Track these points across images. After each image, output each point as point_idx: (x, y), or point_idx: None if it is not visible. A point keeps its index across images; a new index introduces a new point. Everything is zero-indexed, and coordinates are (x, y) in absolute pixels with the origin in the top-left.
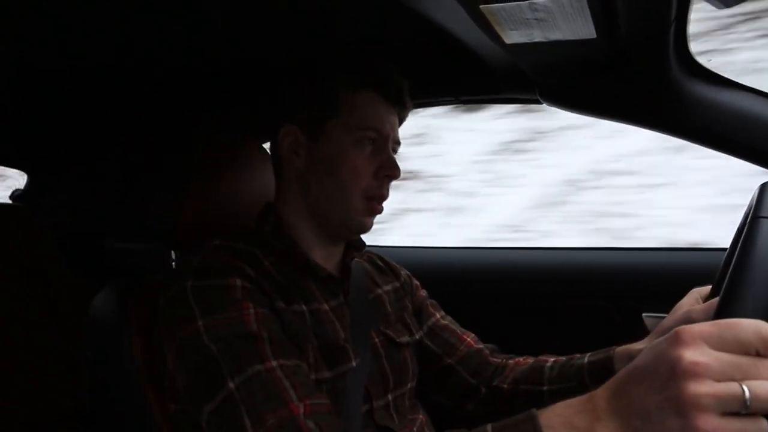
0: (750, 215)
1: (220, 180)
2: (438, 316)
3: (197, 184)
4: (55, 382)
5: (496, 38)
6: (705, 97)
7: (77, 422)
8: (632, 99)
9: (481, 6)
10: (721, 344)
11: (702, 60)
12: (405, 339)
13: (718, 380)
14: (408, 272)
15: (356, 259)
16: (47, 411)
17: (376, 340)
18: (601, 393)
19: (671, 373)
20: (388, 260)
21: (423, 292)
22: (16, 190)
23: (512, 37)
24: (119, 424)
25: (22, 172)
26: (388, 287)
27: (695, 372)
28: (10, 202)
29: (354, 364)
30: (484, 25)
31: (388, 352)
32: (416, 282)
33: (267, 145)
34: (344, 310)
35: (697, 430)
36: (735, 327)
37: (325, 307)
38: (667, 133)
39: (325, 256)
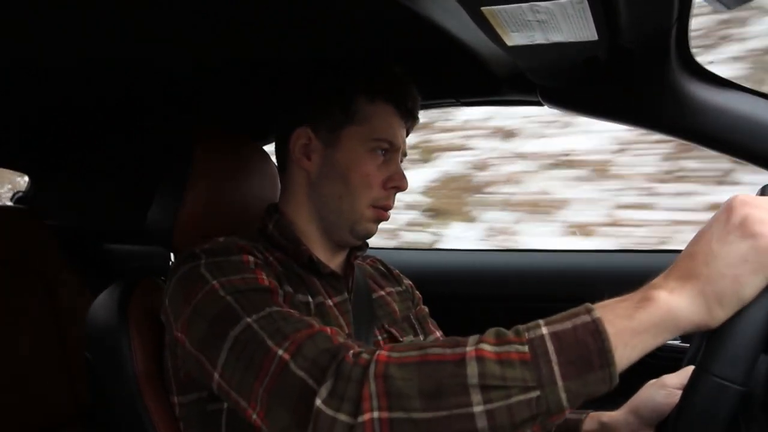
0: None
1: (218, 182)
2: (438, 335)
3: (196, 186)
4: (55, 384)
5: (498, 40)
6: (706, 98)
7: (77, 423)
8: (633, 100)
9: (482, 8)
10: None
11: (703, 61)
12: (409, 338)
13: None
14: (410, 283)
15: (359, 262)
16: (47, 412)
17: (380, 338)
18: (656, 278)
19: (729, 212)
20: (390, 267)
21: (425, 308)
22: (17, 192)
23: (514, 38)
24: (119, 425)
25: None
26: (391, 289)
27: (753, 202)
28: (11, 204)
29: None
30: (486, 26)
31: None
32: (418, 294)
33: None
34: (347, 307)
35: None
36: None
37: (329, 302)
38: (668, 135)
39: (329, 257)
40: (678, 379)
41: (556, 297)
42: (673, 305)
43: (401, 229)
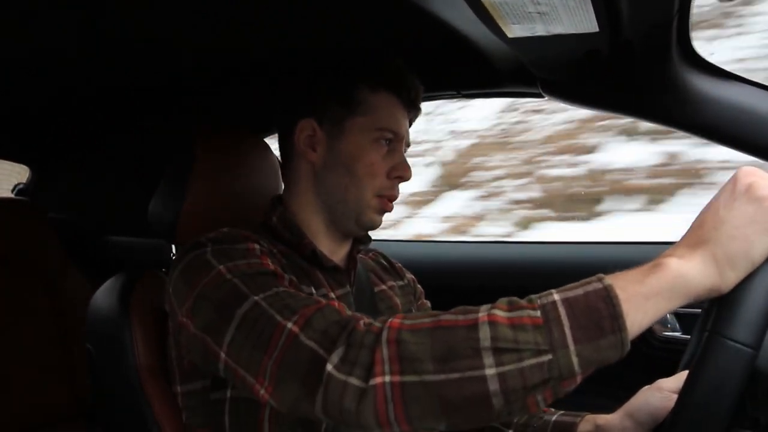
0: None
1: (220, 176)
2: None
3: (197, 180)
4: (56, 377)
5: (499, 32)
6: (707, 90)
7: (78, 416)
8: (634, 93)
9: None
10: None
11: (704, 53)
12: None
13: None
14: (413, 277)
15: (361, 256)
16: (48, 405)
17: None
18: (667, 249)
19: (735, 181)
20: (392, 261)
21: (427, 302)
22: (19, 184)
23: (514, 30)
24: (120, 418)
25: None
26: (392, 283)
27: (757, 172)
28: (13, 196)
29: None
30: (487, 18)
31: None
32: (420, 289)
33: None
34: (350, 300)
35: None
36: None
37: (332, 295)
38: (668, 126)
39: (332, 250)
40: (674, 382)
41: (554, 288)
42: (684, 270)
43: None
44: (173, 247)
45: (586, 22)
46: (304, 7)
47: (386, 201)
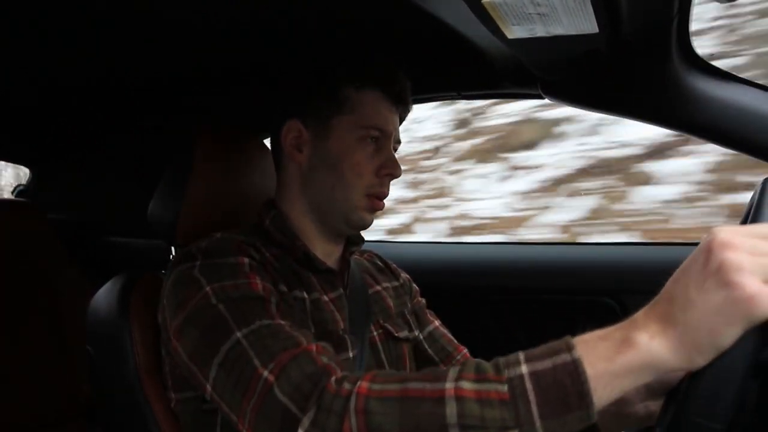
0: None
1: (219, 177)
2: (437, 323)
3: (197, 181)
4: (56, 377)
5: (498, 33)
6: (707, 91)
7: (78, 417)
8: (634, 94)
9: (483, 0)
10: (751, 233)
11: (704, 54)
12: (404, 334)
13: (754, 255)
14: (408, 276)
15: (356, 257)
16: (48, 406)
17: (375, 333)
18: (639, 313)
19: (708, 253)
20: (387, 261)
21: (422, 300)
22: (19, 185)
23: (514, 31)
24: (120, 418)
25: None
26: (387, 284)
27: (732, 243)
28: (12, 197)
29: (351, 354)
30: (486, 19)
31: (386, 345)
32: (416, 287)
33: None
34: (343, 302)
35: (744, 290)
36: (761, 227)
37: (325, 297)
38: (668, 128)
39: (326, 253)
40: None
41: (551, 289)
42: (654, 351)
43: None
44: (172, 248)
45: (586, 23)
46: (305, 8)
47: (375, 199)
